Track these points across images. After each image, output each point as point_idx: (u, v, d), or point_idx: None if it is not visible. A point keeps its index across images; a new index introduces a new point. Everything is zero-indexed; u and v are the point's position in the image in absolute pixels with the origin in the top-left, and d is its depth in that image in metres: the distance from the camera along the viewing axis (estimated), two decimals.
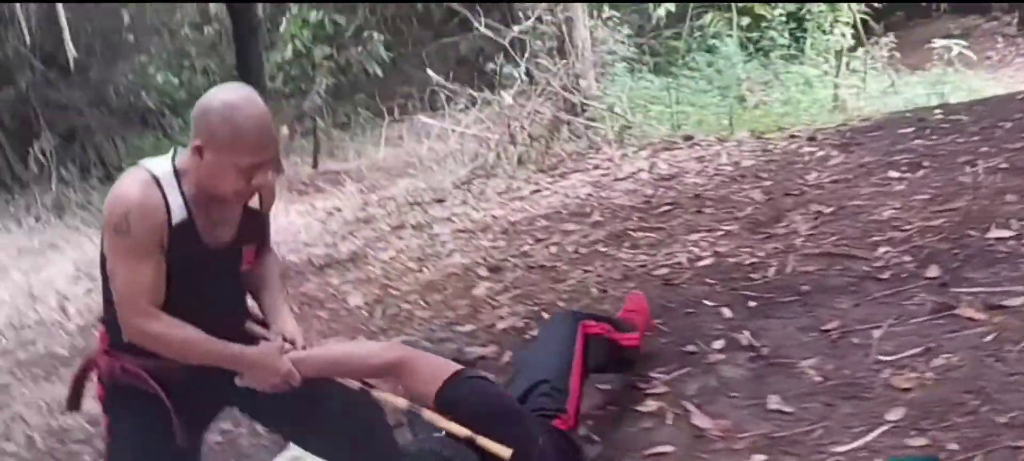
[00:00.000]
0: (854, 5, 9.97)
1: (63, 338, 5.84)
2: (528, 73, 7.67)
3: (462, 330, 4.30)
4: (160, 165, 2.37)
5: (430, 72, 8.44)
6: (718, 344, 3.52)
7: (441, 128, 8.33)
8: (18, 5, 10.06)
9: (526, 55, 7.77)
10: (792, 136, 6.20)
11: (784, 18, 10.20)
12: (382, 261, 5.73)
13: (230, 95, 2.29)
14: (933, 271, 3.67)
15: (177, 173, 2.35)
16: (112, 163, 12.68)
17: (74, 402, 2.64)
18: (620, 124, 6.99)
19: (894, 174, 4.93)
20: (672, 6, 10.74)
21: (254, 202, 2.48)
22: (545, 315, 4.21)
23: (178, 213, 2.32)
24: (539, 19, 7.84)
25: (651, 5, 10.98)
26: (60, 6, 9.76)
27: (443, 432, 2.44)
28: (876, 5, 10.44)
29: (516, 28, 8.04)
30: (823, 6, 9.96)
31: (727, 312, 3.77)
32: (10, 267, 7.91)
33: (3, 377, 5.36)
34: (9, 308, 6.80)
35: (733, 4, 10.36)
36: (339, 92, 14.50)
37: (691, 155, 6.17)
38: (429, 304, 4.77)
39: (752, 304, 3.79)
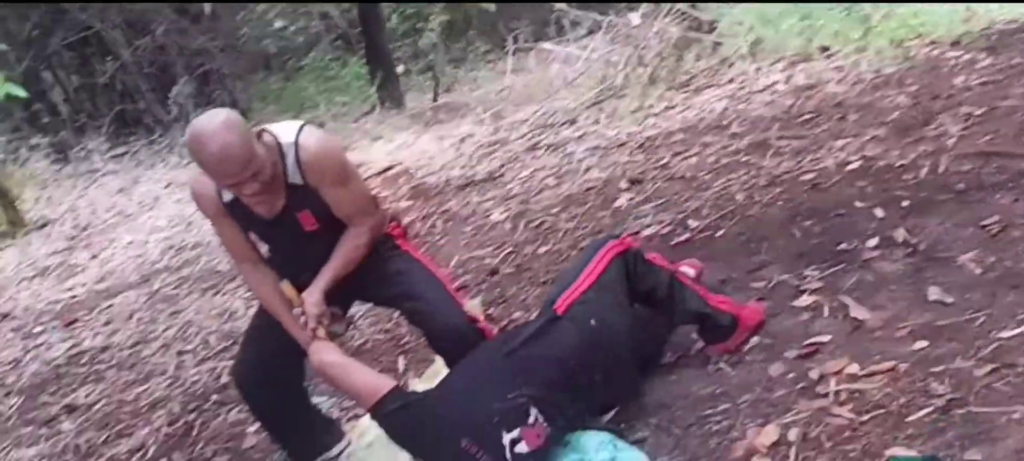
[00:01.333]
0: None
1: (222, 257, 6.16)
2: None
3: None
4: None
5: None
6: (872, 242, 3.52)
7: (566, 53, 8.37)
8: None
9: None
10: (933, 42, 6.03)
11: None
12: (520, 179, 5.84)
13: (196, 131, 2.56)
14: None
15: None
16: (243, 105, 13.11)
17: None
18: (752, 38, 6.90)
19: None
20: None
21: (297, 179, 2.75)
22: (691, 222, 4.27)
23: (226, 195, 2.78)
24: None
25: None
26: None
27: None
28: None
29: None
30: None
31: (880, 212, 3.75)
32: (162, 198, 8.35)
33: (171, 290, 5.74)
34: (168, 232, 7.23)
35: None
36: (453, 29, 14.64)
37: (829, 65, 6.06)
38: (571, 216, 4.87)
39: (905, 203, 3.76)
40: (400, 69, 12.58)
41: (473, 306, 3.90)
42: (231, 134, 2.53)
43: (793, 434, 2.57)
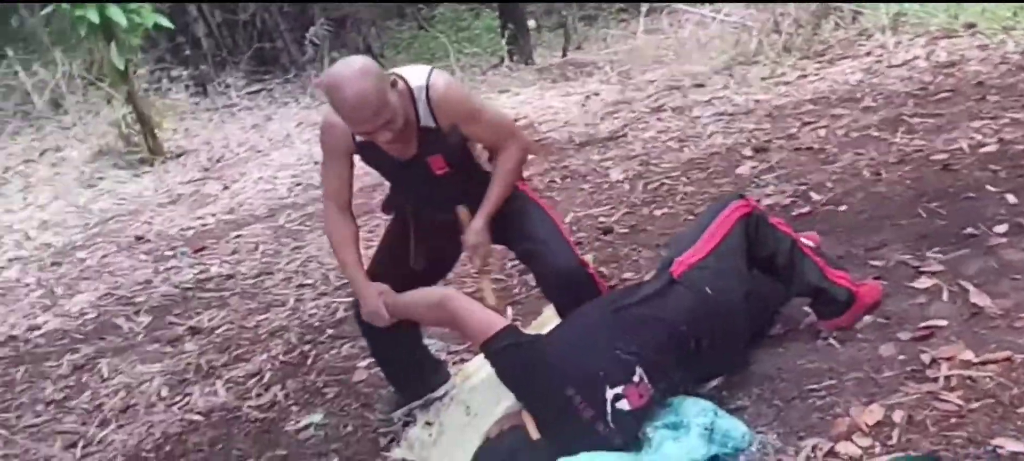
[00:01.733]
0: None
1: None
2: None
3: None
4: None
5: None
6: (1001, 228, 3.40)
7: (700, 16, 8.25)
8: None
9: None
10: None
11: None
12: (642, 140, 5.80)
13: (333, 76, 2.64)
14: None
15: None
16: (376, 50, 13.31)
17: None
18: (895, 10, 6.66)
19: None
20: None
21: (429, 122, 2.80)
22: (814, 195, 4.18)
23: (359, 135, 2.80)
24: None
25: None
26: None
27: None
28: None
29: None
30: None
31: (1012, 198, 3.62)
32: (293, 136, 8.60)
33: (296, 226, 5.93)
34: (296, 170, 7.45)
35: None
36: None
37: (973, 44, 5.81)
38: (691, 180, 4.83)
39: None
40: (531, 24, 12.52)
41: None
42: (366, 81, 2.60)
43: (898, 416, 2.53)
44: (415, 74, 2.83)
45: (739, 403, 2.81)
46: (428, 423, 3.14)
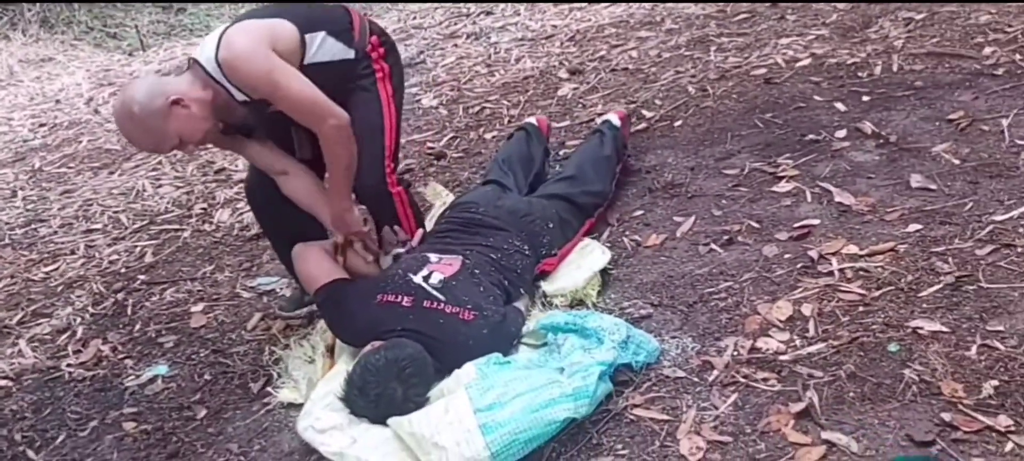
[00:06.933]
0: None
1: (109, 136, 5.71)
2: None
3: (560, 125, 4.27)
4: None
5: None
6: (841, 133, 3.54)
7: None
8: None
9: None
10: None
11: None
12: (444, 66, 5.62)
13: None
14: None
15: None
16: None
17: None
18: None
19: None
20: None
21: (243, 96, 2.67)
22: (645, 113, 4.20)
23: None
24: None
25: None
26: None
27: None
28: None
29: None
30: None
31: (841, 106, 3.78)
32: (18, 74, 7.66)
33: (55, 168, 5.29)
34: (32, 110, 6.66)
35: None
36: None
37: None
38: (513, 103, 4.72)
39: (866, 98, 3.80)
40: None
41: (434, 190, 3.74)
42: (128, 122, 2.56)
43: (807, 309, 2.56)
44: (207, 50, 2.60)
45: (642, 312, 2.76)
46: (310, 360, 2.85)
